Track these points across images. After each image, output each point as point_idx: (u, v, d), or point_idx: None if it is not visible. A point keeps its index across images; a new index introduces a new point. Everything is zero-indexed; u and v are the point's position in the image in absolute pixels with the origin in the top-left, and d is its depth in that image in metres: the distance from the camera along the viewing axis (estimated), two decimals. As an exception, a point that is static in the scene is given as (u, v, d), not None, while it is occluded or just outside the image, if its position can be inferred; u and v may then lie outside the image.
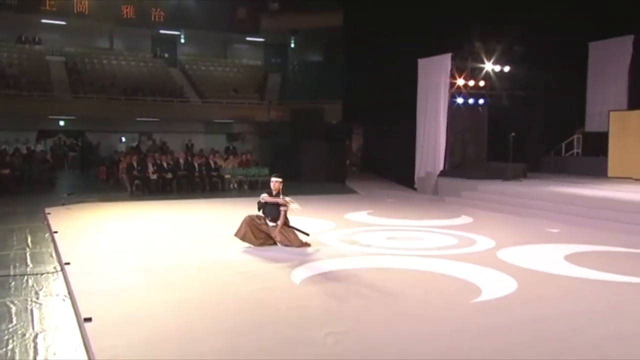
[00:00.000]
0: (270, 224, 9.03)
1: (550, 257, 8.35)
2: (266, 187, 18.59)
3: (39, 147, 24.76)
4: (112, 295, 6.39)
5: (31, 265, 8.15)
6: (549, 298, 6.33)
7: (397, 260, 8.15)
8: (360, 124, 26.76)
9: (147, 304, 6.11)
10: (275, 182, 9.18)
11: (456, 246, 9.18)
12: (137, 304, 6.10)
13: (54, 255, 8.78)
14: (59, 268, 7.94)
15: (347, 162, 23.92)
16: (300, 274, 7.28)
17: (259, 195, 9.51)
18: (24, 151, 22.98)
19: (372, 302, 6.16)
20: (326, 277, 7.22)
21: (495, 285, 6.70)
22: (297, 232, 9.12)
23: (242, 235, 9.03)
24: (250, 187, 19.24)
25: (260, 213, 9.16)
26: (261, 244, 8.97)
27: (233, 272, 7.45)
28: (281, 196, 9.09)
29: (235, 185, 19.56)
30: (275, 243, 9.04)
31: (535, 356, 4.65)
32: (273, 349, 4.76)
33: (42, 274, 7.66)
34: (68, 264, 7.79)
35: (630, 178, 15.93)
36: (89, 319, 5.54)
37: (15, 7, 26.41)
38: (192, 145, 28.12)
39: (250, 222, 9.05)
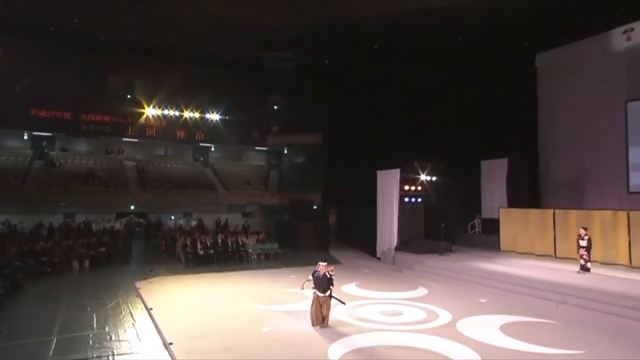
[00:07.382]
0: (320, 294, 8.50)
1: (490, 329, 8.21)
2: (276, 257, 17.96)
3: (117, 225, 23.95)
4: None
5: (143, 343, 7.73)
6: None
7: (396, 337, 7.84)
8: (334, 206, 26.91)
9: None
10: (322, 266, 8.57)
11: (427, 320, 8.91)
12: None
13: (155, 332, 8.37)
14: (162, 347, 7.61)
15: (329, 235, 23.65)
16: (335, 350, 7.09)
17: (273, 265, 9.10)
18: (108, 228, 22.22)
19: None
20: (356, 354, 6.97)
21: (468, 360, 6.59)
22: (334, 298, 8.61)
23: (315, 321, 8.45)
24: (266, 258, 18.69)
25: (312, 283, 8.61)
26: (320, 327, 8.37)
27: (287, 353, 7.02)
28: (332, 281, 8.63)
29: (255, 257, 18.89)
30: (326, 325, 8.40)
31: None
32: None
33: (155, 352, 7.33)
34: (171, 343, 7.47)
35: (514, 251, 16.22)
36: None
37: (110, 133, 27.02)
38: (222, 221, 27.57)
39: (316, 303, 8.46)
